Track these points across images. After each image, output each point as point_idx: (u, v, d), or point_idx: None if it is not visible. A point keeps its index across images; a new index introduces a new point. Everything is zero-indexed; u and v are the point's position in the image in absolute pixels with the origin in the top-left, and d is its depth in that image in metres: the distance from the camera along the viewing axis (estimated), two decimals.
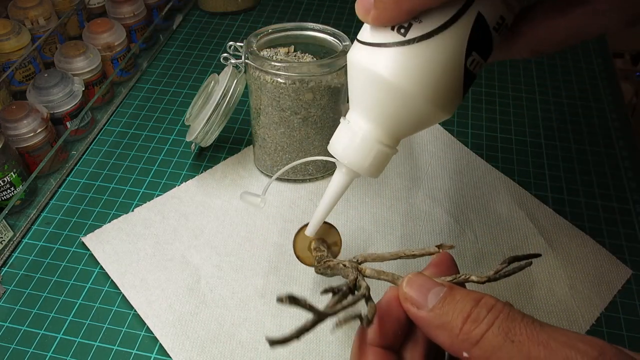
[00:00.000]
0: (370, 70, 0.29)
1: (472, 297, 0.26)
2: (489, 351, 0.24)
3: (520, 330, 0.24)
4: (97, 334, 0.39)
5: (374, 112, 0.30)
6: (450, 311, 0.26)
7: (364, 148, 0.31)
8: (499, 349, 0.24)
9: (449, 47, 0.27)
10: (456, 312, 0.25)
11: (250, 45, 0.43)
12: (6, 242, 0.44)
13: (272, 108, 0.44)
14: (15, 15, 0.56)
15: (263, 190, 0.40)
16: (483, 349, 0.24)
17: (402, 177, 0.50)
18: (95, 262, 0.43)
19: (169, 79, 0.62)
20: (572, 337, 0.24)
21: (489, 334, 0.24)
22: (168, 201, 0.47)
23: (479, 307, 0.25)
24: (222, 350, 0.38)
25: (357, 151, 0.31)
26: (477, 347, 0.24)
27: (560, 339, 0.23)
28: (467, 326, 0.25)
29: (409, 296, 0.27)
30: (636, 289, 0.43)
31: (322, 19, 0.72)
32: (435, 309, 0.26)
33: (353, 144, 0.31)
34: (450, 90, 0.29)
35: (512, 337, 0.24)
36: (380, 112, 0.30)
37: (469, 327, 0.25)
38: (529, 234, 0.46)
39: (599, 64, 0.66)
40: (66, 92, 0.51)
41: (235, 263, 0.43)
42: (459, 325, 0.25)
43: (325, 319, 0.27)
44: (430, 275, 0.28)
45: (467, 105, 0.59)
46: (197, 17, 0.72)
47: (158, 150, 0.53)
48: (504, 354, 0.24)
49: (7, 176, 0.45)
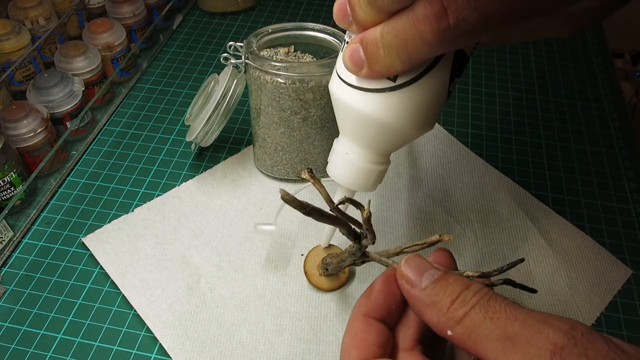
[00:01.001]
0: (361, 111, 0.30)
1: (463, 282, 0.27)
2: (470, 328, 0.26)
3: (500, 309, 0.25)
4: (97, 334, 0.39)
5: (364, 141, 0.32)
6: (441, 292, 0.27)
7: (362, 172, 0.33)
8: (478, 325, 0.25)
9: (435, 83, 0.29)
10: (446, 293, 0.27)
11: (250, 45, 0.43)
12: (6, 242, 0.44)
13: (272, 108, 0.44)
14: (15, 15, 0.56)
15: (275, 217, 0.44)
16: (465, 326, 0.26)
17: (402, 177, 0.50)
18: (95, 262, 0.43)
19: (169, 79, 0.62)
20: (547, 316, 0.25)
21: (471, 312, 0.26)
22: (168, 201, 0.47)
23: (467, 290, 0.27)
24: (222, 350, 0.38)
25: (358, 176, 0.33)
26: (460, 325, 0.26)
27: (537, 317, 0.25)
28: (454, 306, 0.26)
29: (405, 274, 0.29)
30: (636, 289, 0.43)
31: (322, 19, 0.72)
32: (427, 288, 0.28)
33: (352, 170, 0.33)
34: (435, 114, 0.32)
35: (492, 314, 0.25)
36: (371, 141, 0.32)
37: (455, 307, 0.26)
38: (529, 234, 0.46)
39: (599, 64, 0.66)
40: (66, 92, 0.51)
41: (235, 263, 0.43)
42: (447, 305, 0.27)
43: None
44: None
45: (467, 105, 0.59)
46: (197, 17, 0.72)
47: (158, 150, 0.53)
48: (483, 329, 0.25)
49: (7, 176, 0.45)
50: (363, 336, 0.28)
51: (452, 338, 0.26)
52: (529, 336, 0.24)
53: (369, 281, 0.42)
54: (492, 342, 0.25)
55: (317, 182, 0.31)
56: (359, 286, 0.42)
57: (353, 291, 0.41)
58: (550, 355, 0.23)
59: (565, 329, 0.24)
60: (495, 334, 0.25)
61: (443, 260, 0.31)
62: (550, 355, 0.23)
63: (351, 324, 0.29)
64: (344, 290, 0.41)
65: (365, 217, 0.31)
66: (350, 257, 0.35)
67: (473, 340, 0.25)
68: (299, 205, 0.29)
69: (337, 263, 0.38)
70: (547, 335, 0.24)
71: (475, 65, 0.65)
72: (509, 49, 0.68)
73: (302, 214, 0.29)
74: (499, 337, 0.25)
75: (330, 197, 0.30)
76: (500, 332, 0.25)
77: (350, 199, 0.30)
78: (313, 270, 0.41)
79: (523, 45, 0.68)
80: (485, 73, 0.64)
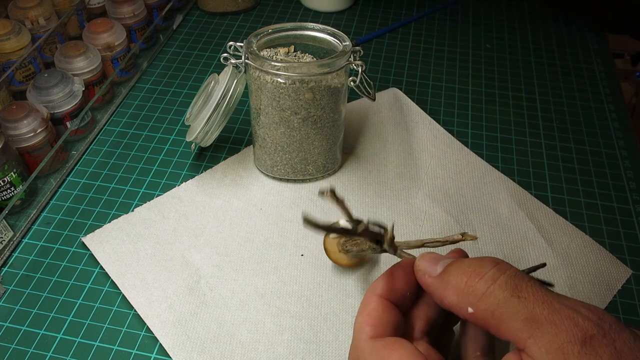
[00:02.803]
0: None
1: (476, 259, 0.27)
2: (494, 305, 0.25)
3: (527, 289, 0.25)
4: (97, 334, 0.39)
5: None
6: (455, 272, 0.27)
7: None
8: (504, 304, 0.25)
9: None
10: (460, 270, 0.27)
11: (250, 45, 0.43)
12: (6, 242, 0.44)
13: (272, 108, 0.44)
14: (16, 15, 0.56)
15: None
16: (488, 302, 0.25)
17: (402, 177, 0.50)
18: (95, 262, 0.43)
19: (169, 79, 0.62)
20: (575, 302, 0.25)
21: (495, 288, 0.25)
22: (168, 201, 0.47)
23: (482, 263, 0.27)
24: (222, 350, 0.38)
25: None
26: (482, 301, 0.25)
27: (565, 302, 0.25)
28: (471, 280, 0.26)
29: (422, 266, 0.29)
30: (636, 289, 0.43)
31: (322, 18, 0.72)
32: (442, 273, 0.28)
33: None
34: None
35: (519, 293, 0.25)
36: None
37: (473, 281, 0.26)
38: (529, 234, 0.46)
39: (598, 64, 0.66)
40: (66, 92, 0.51)
41: (235, 263, 0.43)
42: (464, 280, 0.26)
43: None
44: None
45: (467, 105, 0.59)
46: (197, 17, 0.72)
47: (158, 150, 0.53)
48: (509, 308, 0.25)
49: (7, 176, 0.45)
50: (378, 314, 0.28)
51: (474, 316, 0.26)
52: (558, 322, 0.24)
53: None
54: (517, 321, 0.24)
55: (341, 204, 0.31)
56: (363, 283, 0.42)
57: (355, 290, 0.41)
58: (580, 343, 0.23)
59: (594, 319, 0.24)
60: (522, 314, 0.24)
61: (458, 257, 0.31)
62: (581, 343, 0.23)
63: (365, 303, 0.29)
64: (346, 290, 0.41)
65: (389, 239, 0.32)
66: (370, 250, 0.36)
67: (497, 318, 0.25)
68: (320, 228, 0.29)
69: (357, 251, 0.38)
70: (577, 323, 0.24)
71: (475, 66, 0.65)
72: (509, 49, 0.68)
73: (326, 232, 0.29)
74: (525, 317, 0.24)
75: (353, 217, 0.31)
76: (528, 312, 0.24)
77: (374, 222, 0.31)
78: (333, 247, 0.41)
79: (523, 46, 0.68)
80: (485, 73, 0.64)
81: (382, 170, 0.51)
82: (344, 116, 0.47)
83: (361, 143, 0.53)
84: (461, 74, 0.64)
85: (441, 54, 0.67)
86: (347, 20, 0.72)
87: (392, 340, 0.27)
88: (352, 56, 0.44)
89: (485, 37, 0.70)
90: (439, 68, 0.65)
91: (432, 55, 0.67)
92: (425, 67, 0.65)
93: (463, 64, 0.65)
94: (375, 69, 0.64)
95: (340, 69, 0.43)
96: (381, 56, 0.66)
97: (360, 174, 0.50)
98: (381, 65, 0.64)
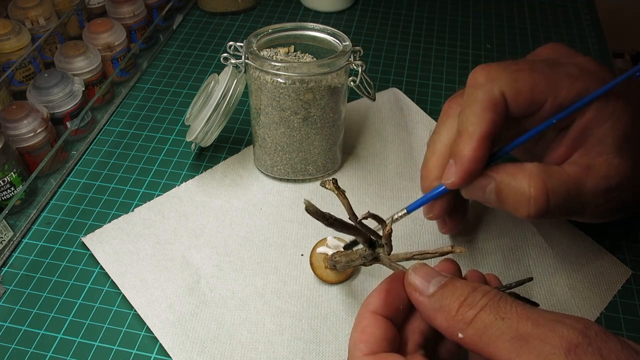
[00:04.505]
0: None
1: (470, 285, 0.27)
2: (481, 329, 0.26)
3: (511, 310, 0.26)
4: (97, 334, 0.39)
5: None
6: (449, 296, 0.27)
7: None
8: (490, 326, 0.25)
9: None
10: (454, 296, 0.27)
11: (250, 45, 0.43)
12: (6, 242, 0.44)
13: (272, 108, 0.44)
14: (16, 15, 0.56)
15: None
16: (475, 327, 0.26)
17: (402, 177, 0.50)
18: (95, 262, 0.43)
19: (169, 79, 0.62)
20: (560, 315, 0.25)
21: (481, 314, 0.26)
22: (168, 201, 0.47)
23: (475, 292, 0.27)
24: (222, 350, 0.38)
25: None
26: (470, 327, 0.26)
27: (549, 316, 0.25)
28: (463, 309, 0.26)
29: (413, 282, 0.29)
30: (636, 289, 0.43)
31: (322, 18, 0.72)
32: (435, 294, 0.28)
33: None
34: None
35: (503, 315, 0.25)
36: None
37: (464, 310, 0.26)
38: (528, 234, 0.46)
39: None
40: (66, 92, 0.51)
41: (235, 263, 0.43)
42: (456, 307, 0.27)
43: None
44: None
45: None
46: (197, 17, 0.72)
47: (158, 150, 0.53)
48: (495, 330, 0.25)
49: (7, 176, 0.45)
50: (371, 331, 0.28)
51: (464, 341, 0.26)
52: (543, 335, 0.24)
53: (375, 277, 0.42)
54: (504, 342, 0.25)
55: (341, 194, 0.31)
56: (363, 283, 0.42)
57: (355, 289, 0.41)
58: (565, 353, 0.23)
59: (579, 327, 0.24)
60: (508, 334, 0.25)
61: (449, 270, 0.31)
62: (565, 353, 0.23)
63: (359, 320, 0.29)
64: (345, 290, 0.41)
65: (386, 232, 0.31)
66: (360, 259, 0.35)
67: (485, 341, 0.25)
68: (321, 217, 0.29)
69: (345, 262, 0.37)
70: (562, 334, 0.24)
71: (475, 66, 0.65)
72: (509, 49, 0.68)
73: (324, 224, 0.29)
74: (512, 337, 0.24)
75: (352, 209, 0.31)
76: (513, 332, 0.25)
77: (373, 214, 0.31)
78: (319, 263, 0.41)
79: (523, 46, 0.68)
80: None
81: (382, 170, 0.51)
82: (344, 116, 0.47)
83: (361, 143, 0.53)
84: (461, 74, 0.64)
85: (441, 54, 0.67)
86: (347, 20, 0.72)
87: (384, 356, 0.28)
88: (352, 56, 0.44)
89: (485, 37, 0.70)
90: (439, 68, 0.65)
91: (432, 55, 0.67)
92: (425, 67, 0.65)
93: (463, 64, 0.65)
94: (375, 69, 0.64)
95: (340, 69, 0.43)
96: (381, 56, 0.66)
97: (360, 174, 0.50)
98: (381, 65, 0.64)
